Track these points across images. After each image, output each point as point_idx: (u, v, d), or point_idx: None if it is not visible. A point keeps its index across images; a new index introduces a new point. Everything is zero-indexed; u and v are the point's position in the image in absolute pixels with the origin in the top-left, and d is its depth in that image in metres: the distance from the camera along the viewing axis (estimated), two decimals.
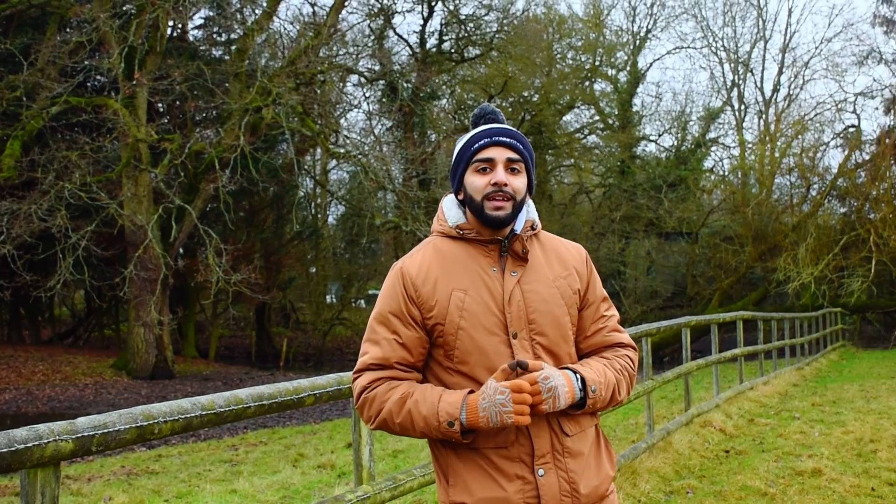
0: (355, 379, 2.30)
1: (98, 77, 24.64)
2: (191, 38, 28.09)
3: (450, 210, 2.38)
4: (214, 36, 29.18)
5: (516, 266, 2.30)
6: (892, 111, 32.59)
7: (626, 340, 2.45)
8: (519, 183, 2.29)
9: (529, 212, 2.39)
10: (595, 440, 2.33)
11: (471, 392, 2.17)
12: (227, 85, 23.80)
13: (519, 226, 2.33)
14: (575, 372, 2.22)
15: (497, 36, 29.16)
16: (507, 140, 2.29)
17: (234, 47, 26.10)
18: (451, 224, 2.34)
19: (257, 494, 7.60)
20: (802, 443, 8.80)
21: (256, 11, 25.03)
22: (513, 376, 2.14)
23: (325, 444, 11.19)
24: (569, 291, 2.35)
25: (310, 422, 14.49)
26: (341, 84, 27.82)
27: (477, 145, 2.30)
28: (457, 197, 2.39)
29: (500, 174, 2.26)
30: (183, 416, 2.92)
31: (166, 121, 26.89)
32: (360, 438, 4.08)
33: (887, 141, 30.40)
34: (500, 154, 2.28)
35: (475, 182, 2.28)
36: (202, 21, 28.88)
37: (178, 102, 24.57)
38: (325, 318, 33.81)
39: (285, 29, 26.43)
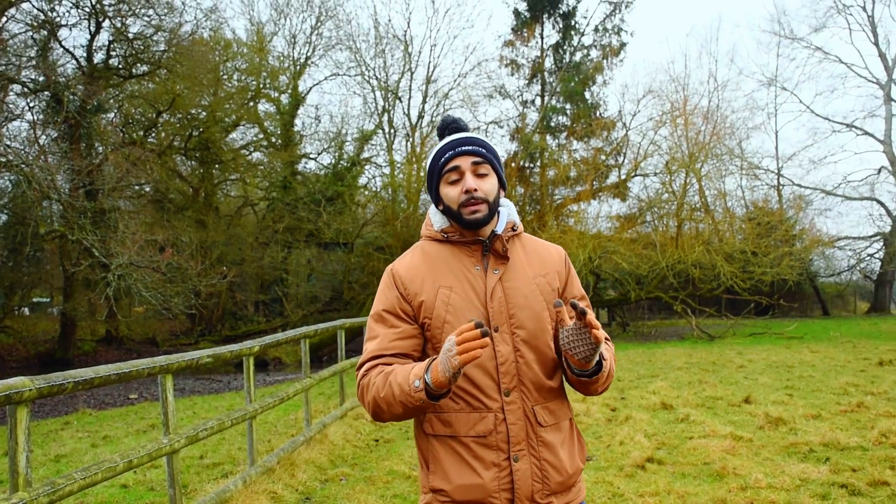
0: (359, 377, 2.34)
1: None
2: None
3: (435, 216, 2.45)
4: None
5: (498, 264, 2.35)
6: (516, 139, 35.79)
7: (605, 335, 2.40)
8: (488, 185, 2.34)
9: (511, 214, 2.45)
10: (569, 433, 2.38)
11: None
12: None
13: (500, 226, 2.39)
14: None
15: (165, 55, 29.19)
16: (470, 147, 2.35)
17: None
18: (436, 228, 2.42)
19: None
20: None
21: None
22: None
23: None
24: (548, 289, 2.38)
25: None
26: (2, 93, 26.88)
27: (443, 158, 2.36)
28: (437, 208, 2.46)
29: (469, 181, 2.31)
30: None
31: None
32: (17, 445, 3.88)
33: (513, 164, 34.03)
34: (465, 162, 2.34)
35: (449, 193, 2.35)
36: None
37: None
38: None
39: None
